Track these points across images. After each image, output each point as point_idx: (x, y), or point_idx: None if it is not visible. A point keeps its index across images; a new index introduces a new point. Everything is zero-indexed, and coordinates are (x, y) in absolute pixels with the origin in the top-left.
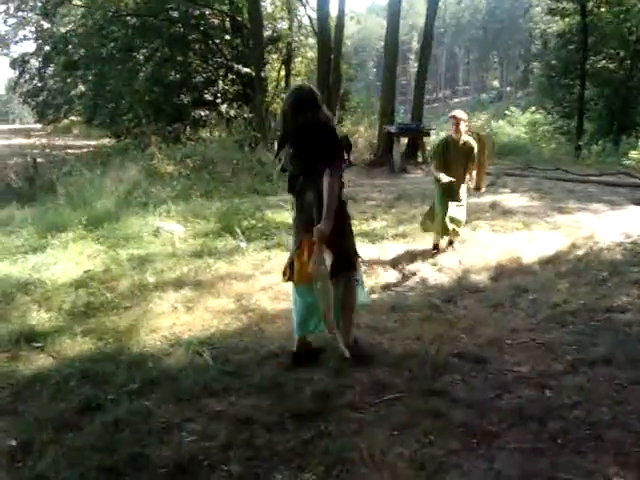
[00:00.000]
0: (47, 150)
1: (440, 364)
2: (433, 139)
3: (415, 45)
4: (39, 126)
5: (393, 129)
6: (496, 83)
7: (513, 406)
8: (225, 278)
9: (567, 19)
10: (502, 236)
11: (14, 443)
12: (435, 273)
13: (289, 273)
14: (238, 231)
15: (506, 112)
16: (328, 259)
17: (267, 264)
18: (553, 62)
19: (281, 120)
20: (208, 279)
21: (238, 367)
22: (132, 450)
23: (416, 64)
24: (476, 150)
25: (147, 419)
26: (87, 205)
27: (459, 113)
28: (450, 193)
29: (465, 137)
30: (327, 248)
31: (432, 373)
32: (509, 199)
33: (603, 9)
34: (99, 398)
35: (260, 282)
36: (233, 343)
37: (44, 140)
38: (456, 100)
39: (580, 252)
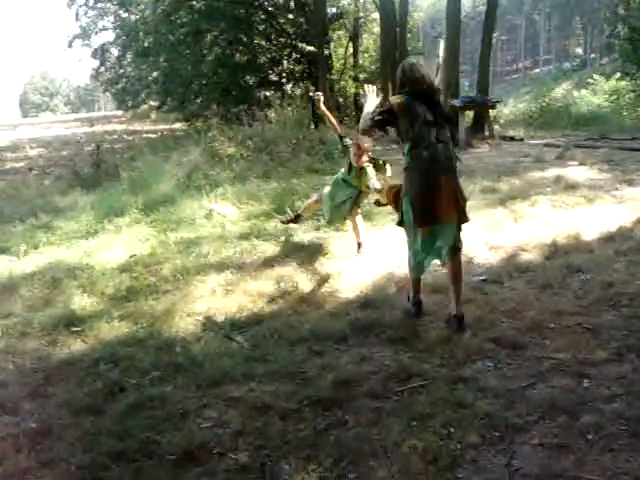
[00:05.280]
0: (124, 136)
1: (474, 350)
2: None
3: None
4: (120, 112)
5: (457, 102)
6: (579, 50)
7: (544, 397)
8: (269, 260)
9: None
10: (562, 212)
11: (34, 425)
12: (485, 252)
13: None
14: (289, 211)
15: (589, 80)
16: None
17: (314, 245)
18: (636, 24)
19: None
20: (252, 261)
21: (264, 352)
22: (145, 436)
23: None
24: None
25: (165, 405)
26: (146, 189)
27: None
28: None
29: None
30: None
31: (464, 359)
32: (575, 172)
33: None
34: (124, 382)
35: (303, 263)
36: (264, 327)
37: (123, 126)
38: (537, 70)
39: None
